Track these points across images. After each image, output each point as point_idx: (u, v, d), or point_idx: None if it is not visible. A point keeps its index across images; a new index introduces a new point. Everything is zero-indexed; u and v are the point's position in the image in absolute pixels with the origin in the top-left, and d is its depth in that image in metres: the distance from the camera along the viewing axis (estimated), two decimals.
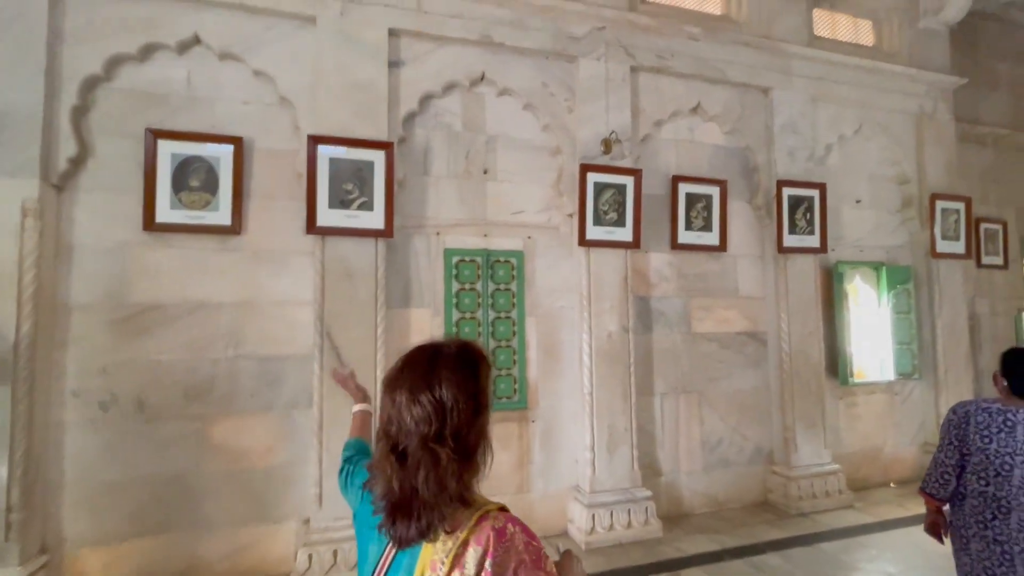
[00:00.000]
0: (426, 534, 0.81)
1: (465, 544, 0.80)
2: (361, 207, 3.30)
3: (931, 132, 5.00)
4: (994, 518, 1.99)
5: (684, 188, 4.24)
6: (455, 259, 3.65)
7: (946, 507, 2.18)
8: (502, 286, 3.76)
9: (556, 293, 3.91)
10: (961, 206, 4.99)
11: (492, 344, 3.70)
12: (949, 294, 4.94)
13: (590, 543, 3.50)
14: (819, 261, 4.55)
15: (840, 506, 4.18)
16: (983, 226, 6.20)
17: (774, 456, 4.37)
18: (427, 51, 3.58)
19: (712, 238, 4.32)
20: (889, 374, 4.79)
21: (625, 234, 3.88)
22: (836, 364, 4.62)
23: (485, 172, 3.78)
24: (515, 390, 3.74)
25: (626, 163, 3.92)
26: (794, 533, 3.70)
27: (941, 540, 2.20)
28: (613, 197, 3.86)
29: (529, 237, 3.86)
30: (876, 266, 4.88)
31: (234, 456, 3.15)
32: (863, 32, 5.09)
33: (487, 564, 0.78)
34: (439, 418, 0.83)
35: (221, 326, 3.19)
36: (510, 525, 0.83)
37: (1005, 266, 6.24)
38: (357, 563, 1.01)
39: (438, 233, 3.65)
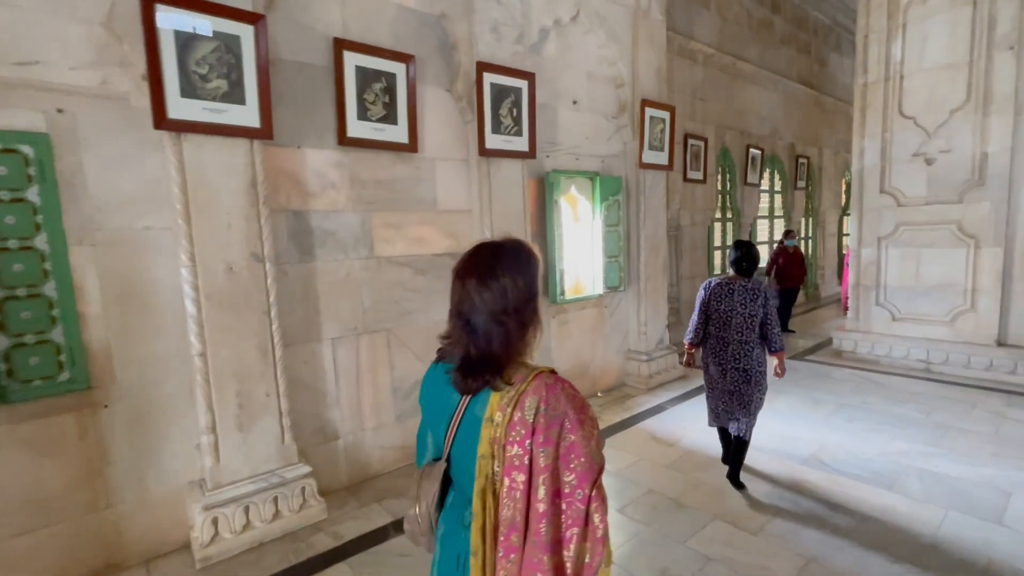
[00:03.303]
0: (492, 384, 1.00)
1: (524, 393, 0.98)
2: None
3: (645, 30, 4.71)
4: (721, 350, 2.99)
5: (353, 59, 3.09)
6: None
7: (697, 350, 3.15)
8: (5, 194, 2.19)
9: (136, 206, 2.50)
10: (667, 115, 4.95)
11: None
12: (652, 206, 4.99)
13: (209, 557, 2.50)
14: (529, 168, 3.99)
15: None
16: (690, 142, 6.62)
17: None
18: None
19: (398, 133, 3.33)
20: (599, 288, 4.73)
21: (246, 115, 2.59)
22: (547, 282, 4.31)
23: None
24: (61, 365, 2.34)
25: (240, 2, 2.55)
26: None
27: (692, 366, 3.19)
28: (218, 56, 2.48)
29: (61, 110, 2.29)
30: (591, 176, 4.60)
31: None
32: None
33: (542, 408, 0.96)
34: (503, 298, 1.01)
35: None
36: (560, 383, 1.00)
37: (704, 180, 6.86)
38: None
39: None
